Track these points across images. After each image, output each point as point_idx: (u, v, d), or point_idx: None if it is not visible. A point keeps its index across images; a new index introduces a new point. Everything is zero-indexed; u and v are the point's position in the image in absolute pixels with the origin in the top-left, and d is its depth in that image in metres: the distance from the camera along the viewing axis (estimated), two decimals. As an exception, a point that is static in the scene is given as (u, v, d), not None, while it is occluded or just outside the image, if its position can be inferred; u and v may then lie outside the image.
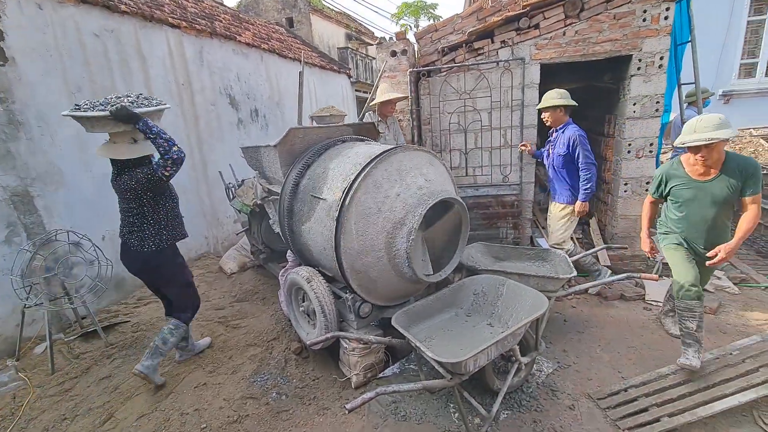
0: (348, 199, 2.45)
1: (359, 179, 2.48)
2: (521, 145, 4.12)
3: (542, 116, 3.67)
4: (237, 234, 5.62)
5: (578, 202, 3.55)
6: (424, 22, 18.78)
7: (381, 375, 2.82)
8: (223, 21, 6.65)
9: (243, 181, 4.38)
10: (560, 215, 3.74)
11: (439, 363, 2.04)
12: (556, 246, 3.78)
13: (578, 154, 3.44)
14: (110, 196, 4.24)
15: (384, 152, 2.61)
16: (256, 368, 2.95)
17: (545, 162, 3.83)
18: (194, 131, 5.44)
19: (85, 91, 3.96)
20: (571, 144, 3.47)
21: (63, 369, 3.07)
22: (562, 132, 3.57)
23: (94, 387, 2.86)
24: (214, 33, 5.80)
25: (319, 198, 2.68)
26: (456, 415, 2.41)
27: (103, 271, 3.39)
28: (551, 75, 4.41)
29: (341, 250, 2.50)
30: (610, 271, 3.85)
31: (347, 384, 2.75)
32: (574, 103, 3.53)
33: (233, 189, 4.41)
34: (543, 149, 3.91)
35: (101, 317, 3.76)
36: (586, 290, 3.38)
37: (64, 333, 3.49)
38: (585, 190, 3.48)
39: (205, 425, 2.45)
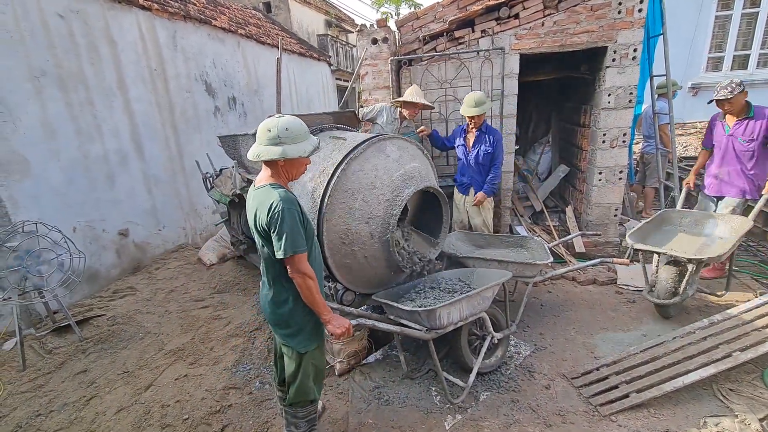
0: (331, 188, 2.44)
1: (341, 168, 2.46)
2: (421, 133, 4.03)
3: (470, 120, 3.60)
4: (216, 225, 5.51)
5: (483, 194, 3.74)
6: (404, 10, 18.54)
7: (364, 361, 2.86)
8: (197, 4, 6.40)
9: (221, 170, 4.28)
10: (490, 206, 3.92)
11: (415, 314, 2.19)
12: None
13: (497, 153, 3.67)
14: (80, 186, 4.07)
15: (367, 140, 2.60)
16: (238, 359, 2.94)
17: (460, 154, 3.80)
18: (169, 120, 5.26)
19: (51, 75, 3.76)
20: (494, 144, 3.66)
21: (35, 365, 2.98)
22: (485, 131, 3.67)
23: (69, 382, 2.79)
24: (187, 16, 5.58)
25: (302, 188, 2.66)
26: (438, 398, 2.48)
27: (75, 264, 3.28)
28: (530, 65, 4.48)
29: (324, 240, 2.49)
30: None
31: (331, 371, 2.77)
32: None
33: (211, 179, 4.30)
34: (449, 137, 3.98)
35: (75, 311, 3.65)
36: (561, 275, 3.51)
37: (34, 328, 3.37)
38: (493, 185, 3.76)
39: (187, 416, 2.43)
